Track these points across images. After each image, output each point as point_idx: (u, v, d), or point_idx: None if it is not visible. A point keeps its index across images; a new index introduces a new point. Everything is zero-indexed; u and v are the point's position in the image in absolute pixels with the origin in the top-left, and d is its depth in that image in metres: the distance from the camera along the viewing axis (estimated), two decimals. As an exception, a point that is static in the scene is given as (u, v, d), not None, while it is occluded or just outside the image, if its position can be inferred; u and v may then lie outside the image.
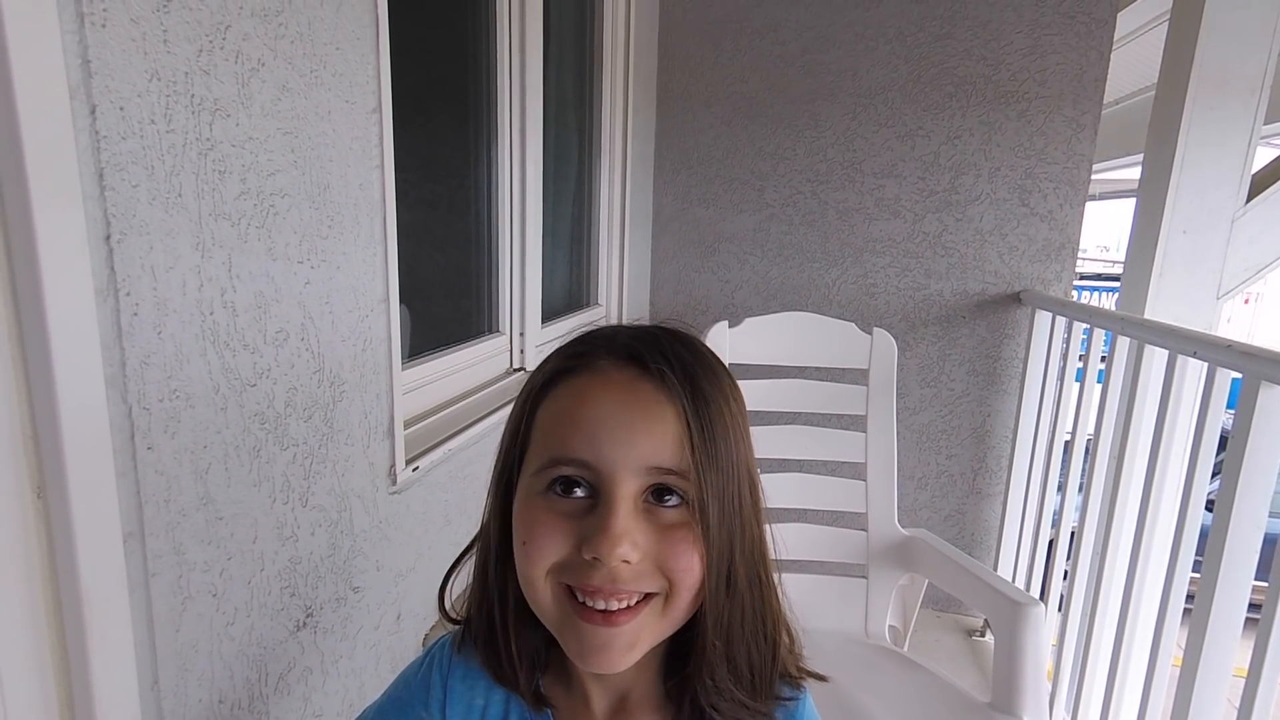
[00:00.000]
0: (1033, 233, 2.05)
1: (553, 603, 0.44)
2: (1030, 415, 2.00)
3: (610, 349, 0.46)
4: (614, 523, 0.41)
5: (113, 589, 0.58)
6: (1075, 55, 1.93)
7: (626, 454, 0.42)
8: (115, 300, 0.57)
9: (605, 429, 0.43)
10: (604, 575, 0.42)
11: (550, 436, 0.45)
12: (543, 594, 0.44)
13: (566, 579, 0.44)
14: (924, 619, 2.28)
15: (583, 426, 0.43)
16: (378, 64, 0.89)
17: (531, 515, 0.44)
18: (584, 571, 0.42)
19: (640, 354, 0.44)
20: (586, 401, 0.44)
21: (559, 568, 0.43)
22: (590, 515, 0.43)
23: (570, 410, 0.44)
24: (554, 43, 1.71)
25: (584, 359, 0.46)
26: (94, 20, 0.54)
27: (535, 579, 0.44)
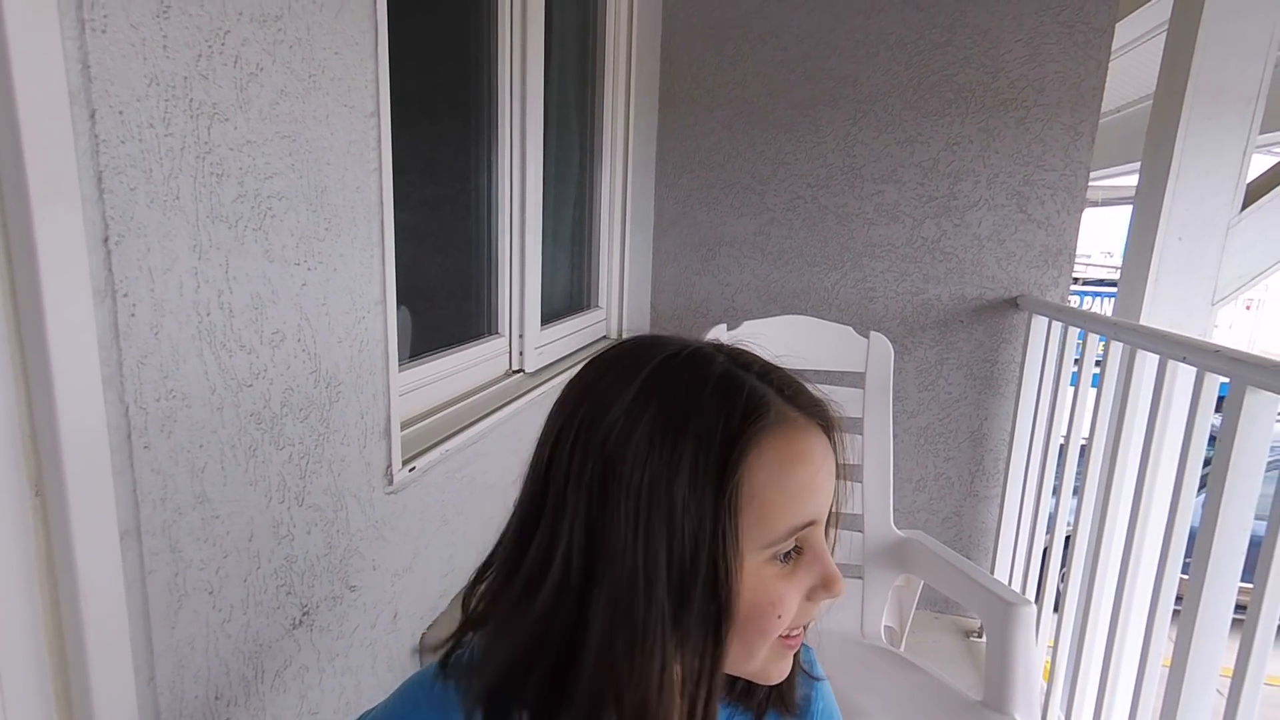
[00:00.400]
0: (1030, 239, 2.06)
1: (768, 651, 0.46)
2: (1027, 419, 2.01)
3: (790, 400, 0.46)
4: (835, 570, 0.46)
5: (110, 586, 0.59)
6: (1074, 64, 1.94)
7: (827, 504, 0.46)
8: (113, 301, 0.58)
9: (821, 490, 0.45)
10: (819, 611, 0.47)
11: (780, 504, 0.44)
12: (764, 650, 0.46)
13: (787, 630, 0.46)
14: (922, 620, 2.29)
15: (808, 491, 0.45)
16: (376, 68, 0.90)
17: (775, 589, 0.45)
18: (807, 613, 0.46)
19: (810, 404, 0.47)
20: (805, 465, 0.45)
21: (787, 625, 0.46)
22: (800, 566, 0.46)
23: (794, 478, 0.44)
24: (556, 46, 1.72)
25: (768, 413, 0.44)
26: (94, 26, 0.55)
27: (769, 641, 0.46)
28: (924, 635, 2.21)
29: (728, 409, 0.43)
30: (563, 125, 1.85)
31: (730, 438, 0.42)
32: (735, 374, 0.45)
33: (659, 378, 0.45)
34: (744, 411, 0.43)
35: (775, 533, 0.44)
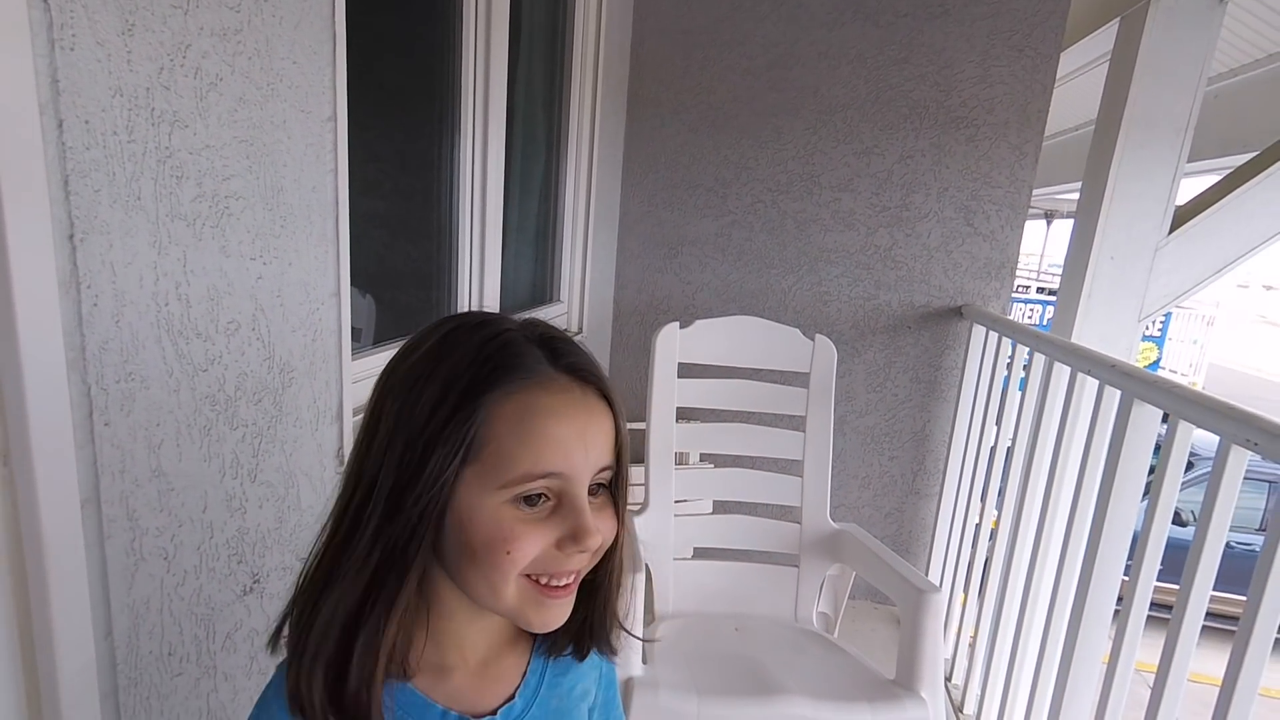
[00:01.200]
0: (975, 251, 2.17)
1: (516, 593, 0.49)
2: (964, 422, 2.12)
3: (550, 360, 0.49)
4: (588, 521, 0.49)
5: (71, 548, 0.66)
6: (1021, 87, 2.04)
7: (586, 462, 0.49)
8: (77, 292, 0.64)
9: (573, 445, 0.48)
10: (576, 561, 0.49)
11: (519, 449, 0.47)
12: (508, 589, 0.49)
13: (536, 571, 0.49)
14: (862, 610, 2.41)
15: (556, 444, 0.47)
16: (334, 75, 0.96)
17: (509, 528, 0.47)
18: (559, 562, 0.49)
19: (579, 367, 0.50)
20: (551, 418, 0.48)
21: (532, 564, 0.48)
22: (555, 516, 0.49)
23: (539, 427, 0.47)
24: (524, 45, 1.78)
25: (526, 372, 0.48)
26: (63, 44, 0.61)
27: (508, 579, 0.48)
28: (863, 624, 2.33)
29: (481, 360, 0.48)
30: (529, 122, 1.91)
31: (474, 383, 0.47)
32: (510, 338, 0.49)
33: (444, 338, 0.50)
34: (496, 364, 0.48)
35: (510, 475, 0.47)
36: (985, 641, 1.78)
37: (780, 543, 1.81)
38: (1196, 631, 0.99)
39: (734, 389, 1.82)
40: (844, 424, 2.34)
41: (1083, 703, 1.29)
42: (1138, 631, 1.11)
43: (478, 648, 0.56)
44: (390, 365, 0.52)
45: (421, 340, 0.51)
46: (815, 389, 1.80)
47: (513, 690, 0.56)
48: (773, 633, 1.68)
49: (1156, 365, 9.85)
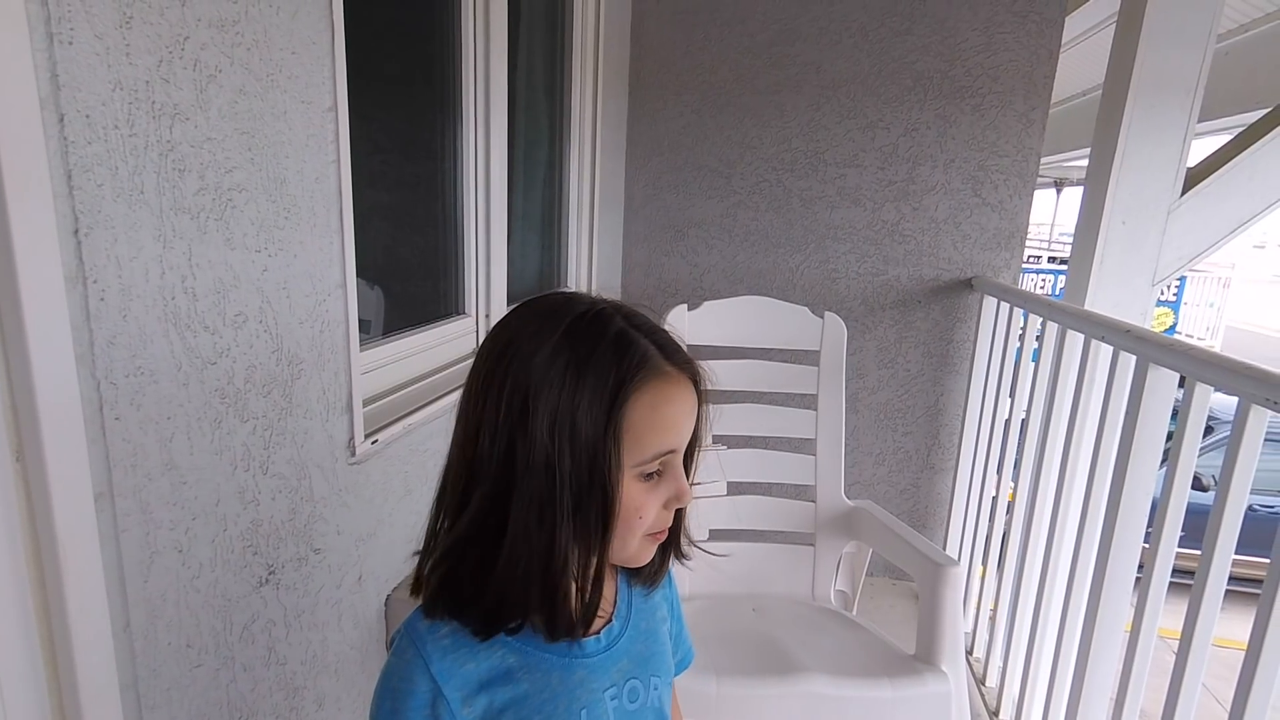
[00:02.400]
0: (984, 222, 2.14)
1: (638, 545, 0.60)
2: (978, 395, 2.10)
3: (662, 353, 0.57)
4: (686, 486, 0.60)
5: (86, 543, 0.66)
6: (1026, 53, 2.01)
7: (686, 438, 0.59)
8: (84, 287, 0.64)
9: (682, 426, 0.58)
10: (677, 516, 0.62)
11: (648, 436, 0.56)
12: (633, 544, 0.60)
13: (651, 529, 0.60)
14: (880, 587, 2.41)
15: (671, 426, 0.58)
16: (333, 65, 0.96)
17: (640, 499, 0.58)
18: (665, 520, 0.60)
19: (677, 359, 0.58)
20: (669, 405, 0.57)
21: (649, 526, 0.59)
22: (662, 482, 0.59)
23: (661, 415, 0.57)
24: (524, 30, 1.77)
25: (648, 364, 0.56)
26: (61, 39, 0.60)
27: (637, 539, 0.59)
28: (880, 600, 2.33)
29: (619, 359, 0.55)
30: (531, 108, 1.90)
31: (620, 381, 0.55)
32: (627, 333, 0.57)
33: (570, 332, 0.56)
34: (631, 362, 0.55)
35: (644, 456, 0.57)
36: (1005, 614, 1.78)
37: (796, 522, 1.80)
38: (1220, 596, 0.98)
39: (745, 369, 1.81)
40: (856, 401, 2.32)
41: (1106, 671, 1.28)
42: (1160, 598, 1.10)
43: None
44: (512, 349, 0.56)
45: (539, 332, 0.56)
46: (826, 367, 1.79)
47: (609, 614, 0.65)
48: (791, 612, 1.68)
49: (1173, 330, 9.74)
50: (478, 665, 0.57)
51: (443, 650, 0.57)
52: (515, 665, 0.58)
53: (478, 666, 0.57)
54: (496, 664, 0.58)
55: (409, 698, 0.56)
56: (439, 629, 0.57)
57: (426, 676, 0.56)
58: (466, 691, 0.57)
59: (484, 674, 0.57)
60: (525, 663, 0.59)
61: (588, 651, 0.62)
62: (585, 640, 0.62)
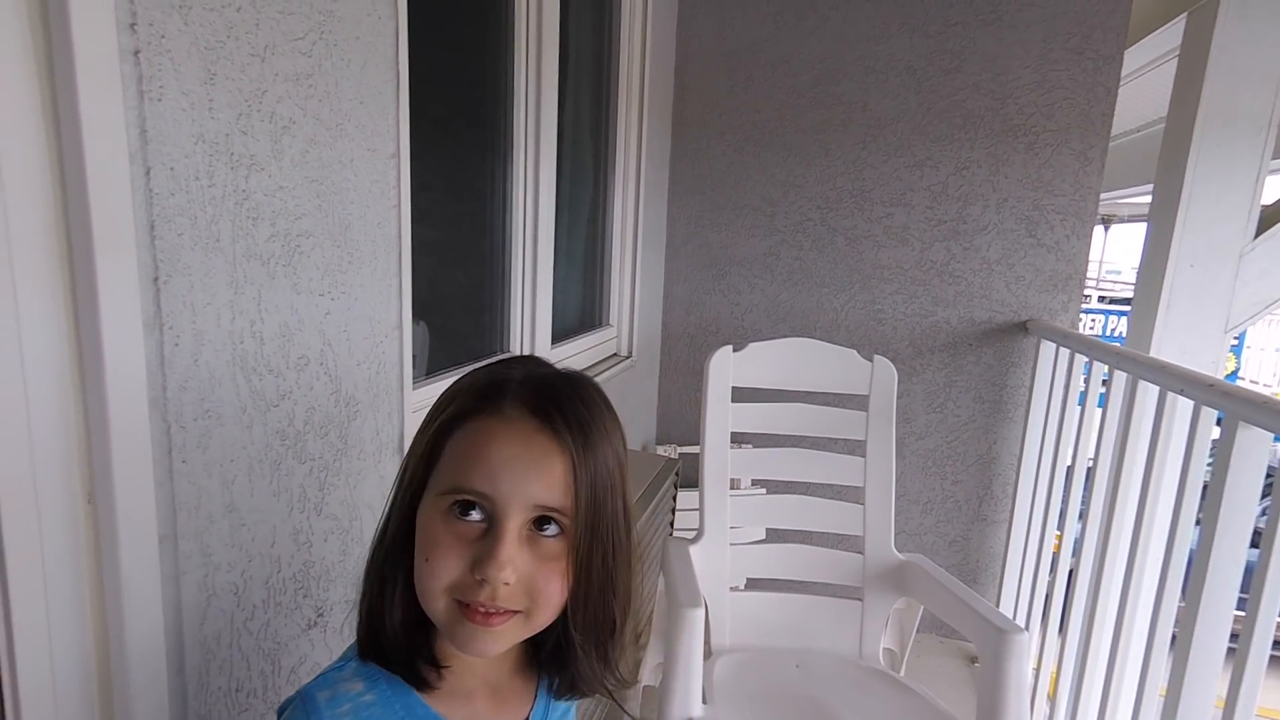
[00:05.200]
0: (1039, 263, 2.09)
1: (444, 609, 0.51)
2: (1034, 444, 2.02)
3: (518, 397, 0.52)
4: (500, 550, 0.49)
5: (148, 584, 0.66)
6: (1082, 91, 1.97)
7: (520, 492, 0.50)
8: (160, 333, 0.66)
9: (505, 469, 0.50)
10: (488, 593, 0.50)
11: (458, 465, 0.51)
12: (438, 604, 0.51)
13: (457, 596, 0.50)
14: (926, 644, 2.30)
15: (487, 464, 0.50)
16: (397, 113, 0.98)
17: (434, 535, 0.51)
18: (473, 589, 0.50)
19: (543, 407, 0.52)
20: (492, 442, 0.51)
21: (453, 586, 0.50)
22: (482, 540, 0.50)
23: (478, 447, 0.51)
24: (571, 71, 1.80)
25: (493, 402, 0.52)
26: (151, 96, 0.63)
27: (435, 592, 0.51)
28: (928, 659, 2.22)
29: (471, 394, 0.53)
30: (577, 147, 1.93)
31: (457, 412, 0.53)
32: (504, 377, 0.54)
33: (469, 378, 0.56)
34: (476, 396, 0.53)
35: (445, 483, 0.51)
36: (1069, 682, 1.68)
37: (842, 574, 1.74)
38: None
39: (789, 412, 1.78)
40: (902, 446, 2.26)
41: (1188, 751, 1.19)
42: (1259, 673, 1.02)
43: (488, 672, 0.58)
44: None
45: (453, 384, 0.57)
46: (875, 412, 1.75)
47: (525, 714, 0.61)
48: (837, 670, 1.61)
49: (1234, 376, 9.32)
50: None
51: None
52: None
53: None
54: None
55: None
56: (340, 703, 0.51)
57: None
58: None
59: None
60: None
61: None
62: None
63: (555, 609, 0.53)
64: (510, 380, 0.54)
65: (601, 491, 0.52)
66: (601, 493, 0.52)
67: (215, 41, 0.69)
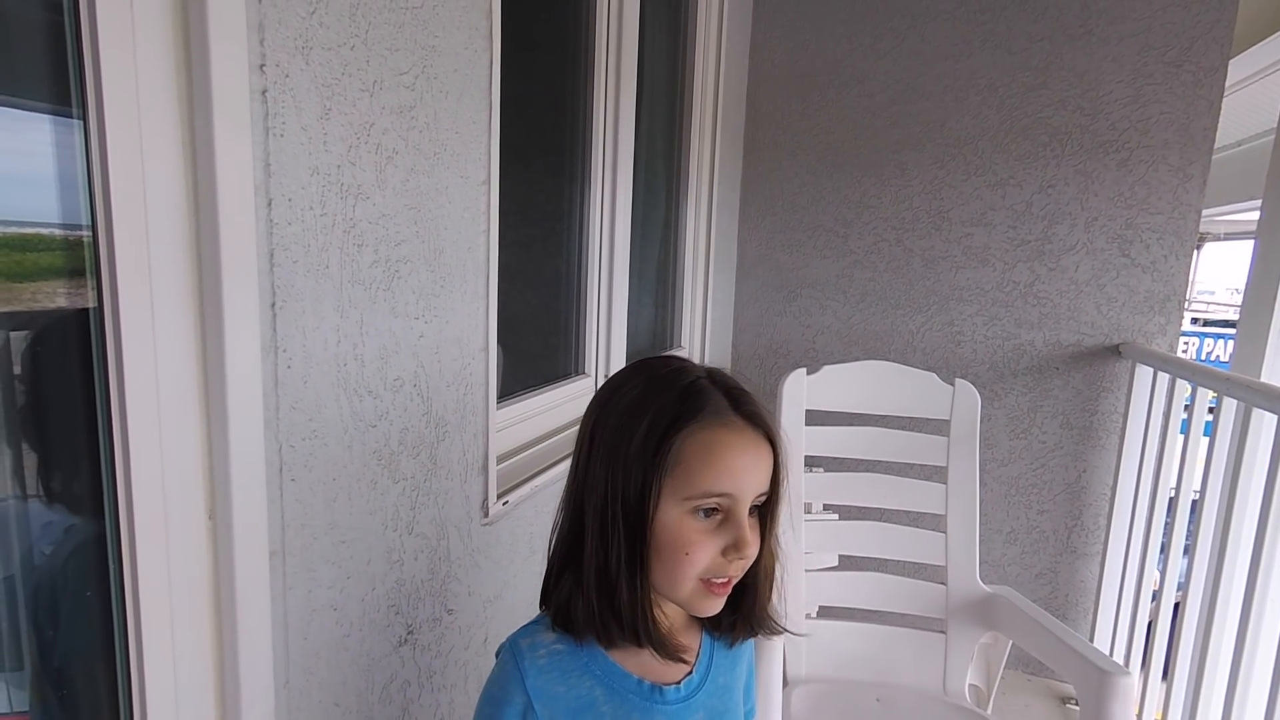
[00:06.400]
0: (1134, 284, 1.98)
1: (691, 589, 0.61)
2: (1130, 473, 1.90)
3: (732, 407, 0.61)
4: (747, 535, 0.60)
5: (259, 599, 0.69)
6: (1182, 104, 1.87)
7: (750, 488, 0.61)
8: (275, 356, 0.69)
9: (742, 473, 0.60)
10: (735, 568, 0.61)
11: (701, 473, 0.59)
12: (688, 586, 0.61)
13: (707, 575, 0.61)
14: (1014, 681, 2.18)
15: (731, 471, 0.60)
16: (489, 142, 1.01)
17: (687, 535, 0.60)
18: (723, 567, 0.61)
19: (753, 415, 0.62)
20: (731, 452, 0.60)
21: (705, 570, 0.61)
22: (721, 529, 0.60)
23: (719, 456, 0.60)
24: (646, 96, 1.82)
25: (716, 414, 0.60)
26: (276, 131, 0.66)
27: (689, 578, 0.61)
28: (1015, 698, 2.10)
29: (680, 400, 0.61)
30: (650, 171, 1.94)
31: (675, 418, 0.60)
32: (700, 383, 0.62)
33: (649, 380, 0.64)
34: (690, 404, 0.61)
35: (693, 490, 0.59)
36: (1176, 730, 1.56)
37: (923, 605, 1.67)
38: None
39: (866, 437, 1.73)
40: (984, 473, 2.16)
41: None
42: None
43: (660, 628, 0.65)
44: (601, 400, 0.65)
45: (627, 382, 0.64)
46: (957, 437, 1.68)
47: (691, 667, 0.68)
48: (920, 707, 1.54)
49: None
50: (567, 690, 0.62)
51: (539, 669, 0.62)
52: (601, 699, 0.63)
53: (567, 691, 0.62)
54: (584, 695, 0.63)
55: (504, 706, 0.62)
56: (539, 648, 0.64)
57: (521, 690, 0.62)
58: (554, 712, 0.62)
59: (572, 701, 0.62)
60: (610, 699, 0.63)
61: (668, 699, 0.65)
62: (666, 688, 0.65)
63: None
64: (709, 390, 0.62)
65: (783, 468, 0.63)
66: (783, 469, 0.63)
67: (332, 79, 0.72)
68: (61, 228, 0.57)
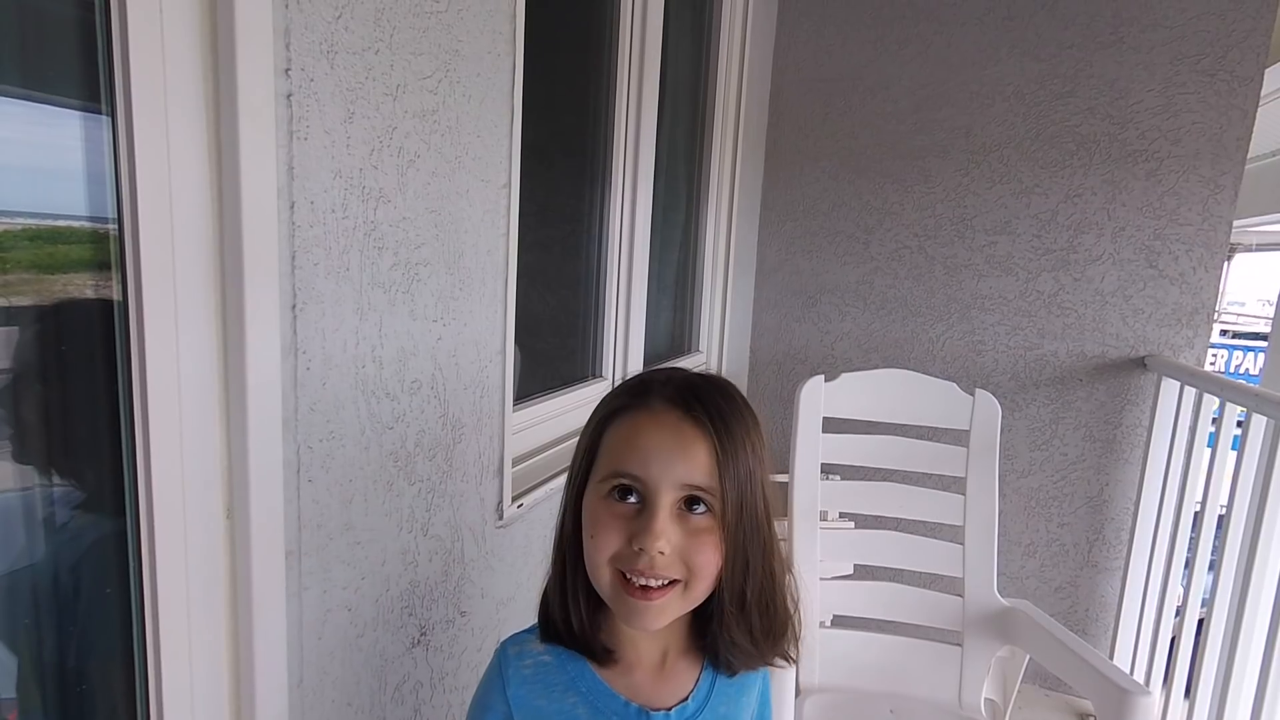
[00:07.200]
0: (1161, 296, 1.94)
1: (609, 582, 0.59)
2: (1155, 488, 1.87)
3: (663, 393, 0.59)
4: (654, 523, 0.56)
5: (275, 598, 0.69)
6: (1214, 114, 1.83)
7: (669, 473, 0.57)
8: (295, 358, 0.69)
9: (654, 454, 0.57)
10: (646, 562, 0.56)
11: (614, 455, 0.58)
12: (603, 576, 0.59)
13: (620, 566, 0.58)
14: (1030, 696, 2.15)
15: (639, 450, 0.57)
16: (510, 146, 1.01)
17: (597, 514, 0.58)
18: (633, 559, 0.57)
19: (686, 400, 0.59)
20: (642, 433, 0.58)
21: (615, 557, 0.58)
22: (639, 518, 0.57)
23: (630, 437, 0.58)
24: (668, 100, 1.82)
25: (642, 398, 0.60)
26: (300, 135, 0.67)
27: (599, 564, 0.58)
28: (1031, 713, 2.07)
29: (623, 394, 0.61)
30: (671, 174, 1.94)
31: (612, 409, 0.61)
32: (650, 379, 0.61)
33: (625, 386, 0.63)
34: (627, 394, 0.61)
35: (604, 470, 0.59)
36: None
37: (939, 616, 1.65)
38: None
39: (884, 445, 1.71)
40: (1003, 484, 2.12)
41: None
42: None
43: (651, 650, 0.64)
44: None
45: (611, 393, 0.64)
46: (976, 448, 1.66)
47: (687, 693, 0.64)
48: (935, 719, 1.52)
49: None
50: (549, 704, 0.61)
51: (522, 679, 0.62)
52: (583, 717, 0.61)
53: (549, 705, 0.61)
54: (567, 711, 0.61)
55: (486, 712, 0.63)
56: (525, 657, 0.63)
57: (502, 698, 0.62)
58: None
59: (553, 716, 0.61)
60: (594, 718, 0.61)
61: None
62: (655, 713, 0.62)
63: (710, 579, 0.58)
64: (655, 380, 0.61)
65: (744, 475, 0.58)
66: (744, 476, 0.58)
67: (355, 83, 0.73)
68: (89, 221, 0.58)
